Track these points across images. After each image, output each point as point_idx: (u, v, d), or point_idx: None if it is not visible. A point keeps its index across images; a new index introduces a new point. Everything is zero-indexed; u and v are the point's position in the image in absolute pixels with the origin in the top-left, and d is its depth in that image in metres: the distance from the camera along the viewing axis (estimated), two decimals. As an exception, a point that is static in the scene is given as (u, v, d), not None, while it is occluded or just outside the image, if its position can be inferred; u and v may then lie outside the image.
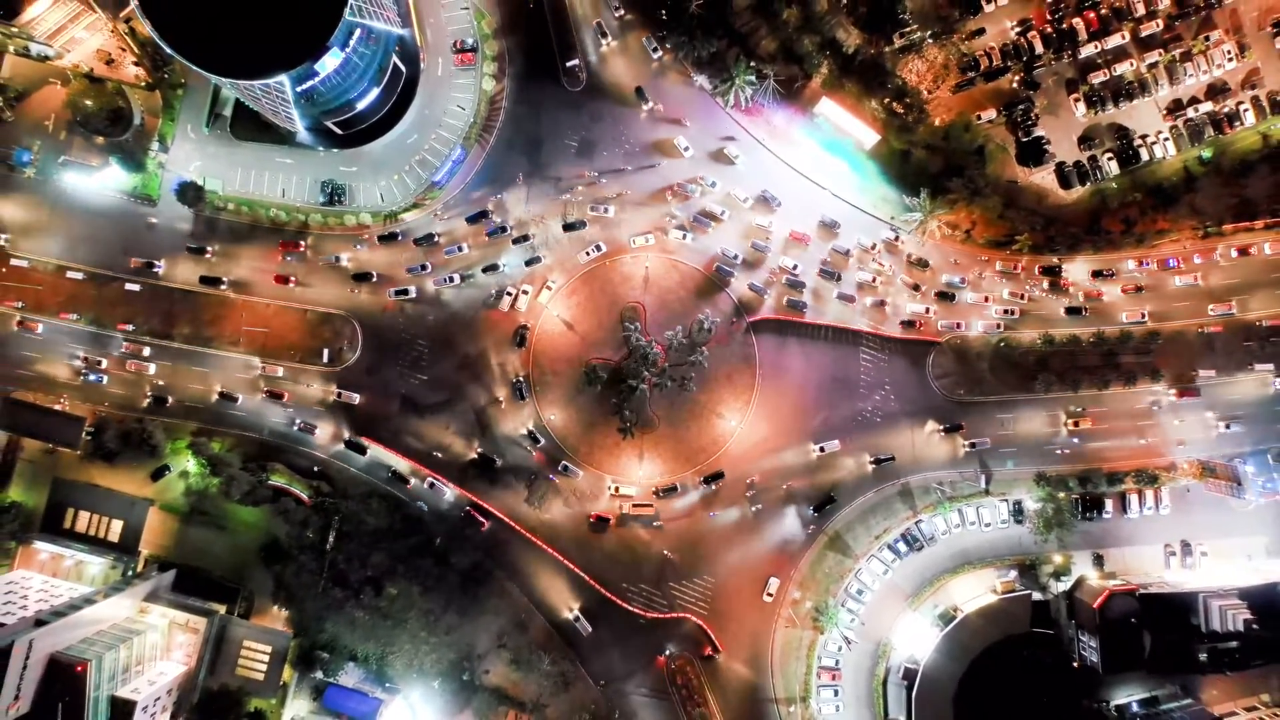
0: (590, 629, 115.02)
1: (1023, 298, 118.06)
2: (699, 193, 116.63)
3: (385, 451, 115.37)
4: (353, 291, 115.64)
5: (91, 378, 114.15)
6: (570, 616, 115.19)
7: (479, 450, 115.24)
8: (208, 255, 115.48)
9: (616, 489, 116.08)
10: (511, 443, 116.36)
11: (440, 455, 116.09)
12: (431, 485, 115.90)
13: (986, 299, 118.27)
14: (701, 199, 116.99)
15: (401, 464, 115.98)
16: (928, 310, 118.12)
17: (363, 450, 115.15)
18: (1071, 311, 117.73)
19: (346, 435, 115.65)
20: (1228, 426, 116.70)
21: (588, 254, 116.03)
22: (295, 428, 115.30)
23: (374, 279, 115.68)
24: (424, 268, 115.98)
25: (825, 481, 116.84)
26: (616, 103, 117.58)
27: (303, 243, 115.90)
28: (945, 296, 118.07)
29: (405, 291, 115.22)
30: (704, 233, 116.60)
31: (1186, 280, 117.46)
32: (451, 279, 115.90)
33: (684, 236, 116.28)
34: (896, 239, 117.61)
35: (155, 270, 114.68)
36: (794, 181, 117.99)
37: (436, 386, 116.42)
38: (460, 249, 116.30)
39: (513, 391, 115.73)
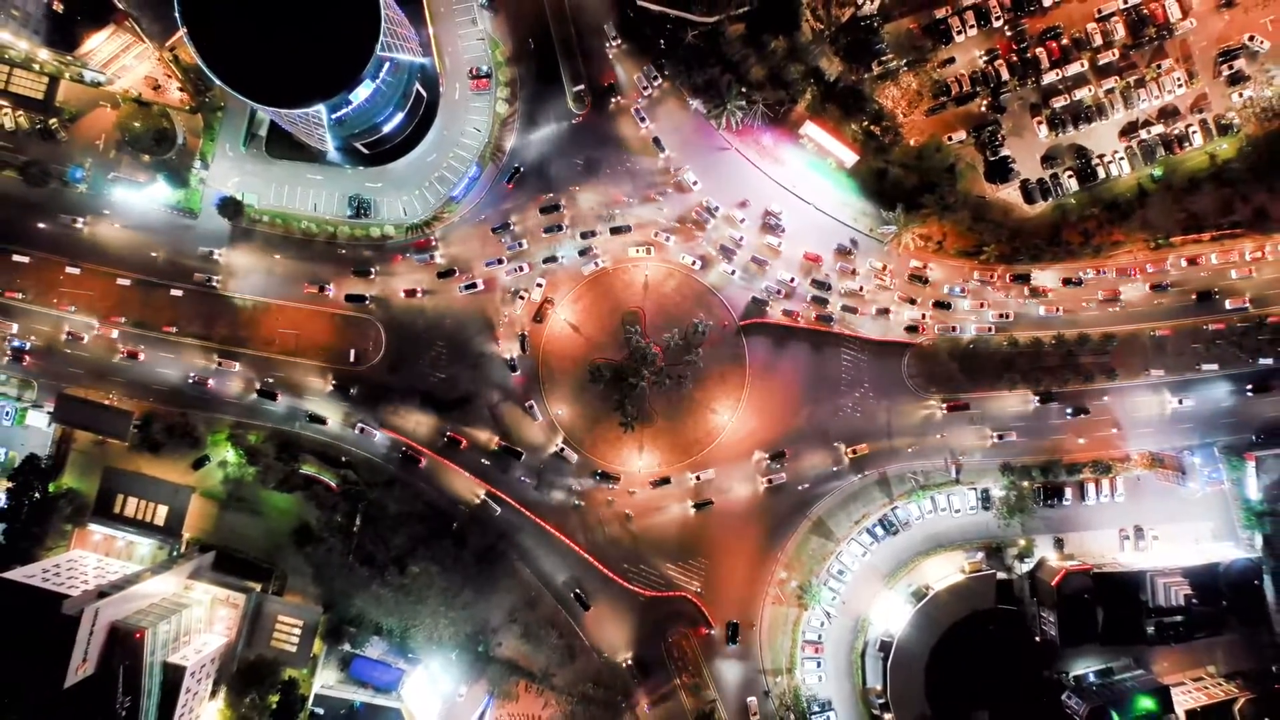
0: (500, 510, 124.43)
1: (1058, 311, 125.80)
2: (711, 223, 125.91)
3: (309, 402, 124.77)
4: (462, 289, 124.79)
5: (15, 344, 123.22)
6: (477, 501, 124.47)
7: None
8: (371, 276, 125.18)
9: (562, 450, 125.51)
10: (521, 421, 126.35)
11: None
12: (361, 430, 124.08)
13: (982, 304, 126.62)
14: (713, 230, 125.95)
15: (322, 409, 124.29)
16: (924, 317, 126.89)
17: (274, 397, 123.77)
18: (1203, 297, 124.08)
19: (258, 385, 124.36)
20: (1000, 438, 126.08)
21: (635, 250, 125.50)
22: (190, 381, 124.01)
23: (457, 274, 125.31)
24: (499, 261, 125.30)
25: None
26: (623, 146, 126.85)
27: (433, 238, 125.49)
28: (942, 305, 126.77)
29: (474, 285, 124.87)
30: (729, 260, 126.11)
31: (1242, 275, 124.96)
32: (521, 268, 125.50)
33: (732, 274, 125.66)
34: (925, 267, 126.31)
35: (327, 293, 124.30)
36: (800, 210, 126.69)
37: (452, 373, 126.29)
38: (521, 244, 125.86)
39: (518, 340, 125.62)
